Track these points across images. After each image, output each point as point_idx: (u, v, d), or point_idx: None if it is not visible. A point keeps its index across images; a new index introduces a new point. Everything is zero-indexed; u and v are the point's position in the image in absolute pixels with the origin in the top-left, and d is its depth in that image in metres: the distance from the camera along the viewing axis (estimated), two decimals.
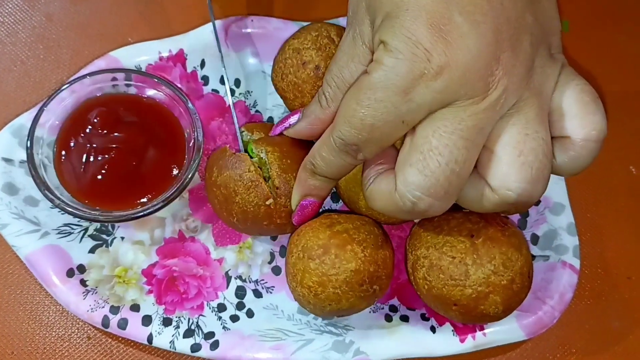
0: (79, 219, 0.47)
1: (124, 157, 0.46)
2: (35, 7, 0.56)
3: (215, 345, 0.45)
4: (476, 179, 0.34)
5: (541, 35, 0.34)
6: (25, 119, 0.48)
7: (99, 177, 0.45)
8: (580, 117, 0.34)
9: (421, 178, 0.33)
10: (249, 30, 0.52)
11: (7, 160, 0.47)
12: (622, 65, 0.58)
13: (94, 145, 0.46)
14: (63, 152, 0.46)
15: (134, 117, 0.48)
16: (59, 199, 0.44)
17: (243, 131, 0.47)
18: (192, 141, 0.47)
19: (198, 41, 0.52)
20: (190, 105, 0.48)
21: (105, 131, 0.46)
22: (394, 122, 0.33)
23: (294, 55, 0.46)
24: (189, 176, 0.46)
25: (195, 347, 0.44)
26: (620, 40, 0.59)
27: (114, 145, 0.46)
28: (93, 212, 0.45)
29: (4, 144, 0.47)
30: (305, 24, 0.52)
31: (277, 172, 0.43)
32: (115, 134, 0.46)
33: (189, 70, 0.52)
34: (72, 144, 0.46)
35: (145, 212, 0.45)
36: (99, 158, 0.45)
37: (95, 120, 0.46)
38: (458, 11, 0.31)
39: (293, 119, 0.42)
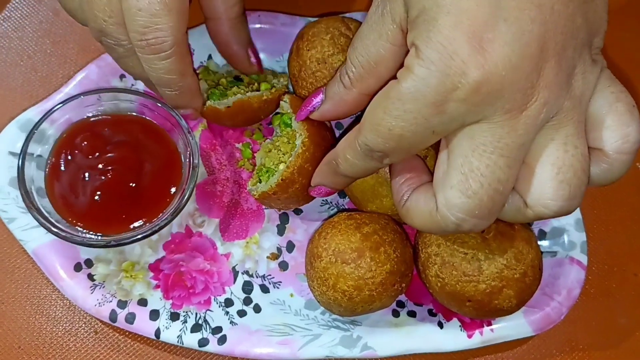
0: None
1: (119, 177, 0.45)
2: (42, 2, 0.56)
3: (222, 340, 0.45)
4: (511, 193, 0.33)
5: (586, 38, 0.32)
6: (32, 113, 0.48)
7: (96, 198, 0.45)
8: (613, 129, 0.33)
9: (464, 200, 0.32)
10: (256, 25, 0.52)
11: (14, 155, 0.47)
12: (625, 62, 0.58)
13: (86, 172, 0.45)
14: (56, 183, 0.46)
15: (122, 136, 0.47)
16: (57, 227, 0.44)
17: (285, 101, 0.46)
18: (188, 152, 0.46)
19: (205, 36, 0.51)
20: (181, 120, 0.47)
21: (97, 154, 0.45)
22: (424, 133, 0.32)
23: (321, 67, 0.46)
24: (191, 187, 0.45)
25: (203, 342, 0.44)
26: (624, 37, 0.59)
27: (109, 167, 0.45)
28: (100, 237, 0.44)
29: (10, 138, 0.47)
30: (312, 19, 0.52)
31: (295, 168, 0.42)
32: (108, 155, 0.45)
33: (196, 65, 0.52)
34: (62, 170, 0.46)
35: (151, 230, 0.44)
36: (95, 181, 0.45)
37: (84, 144, 0.46)
38: (504, 17, 0.29)
39: (317, 101, 0.41)
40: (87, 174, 0.45)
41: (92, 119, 0.48)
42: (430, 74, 0.30)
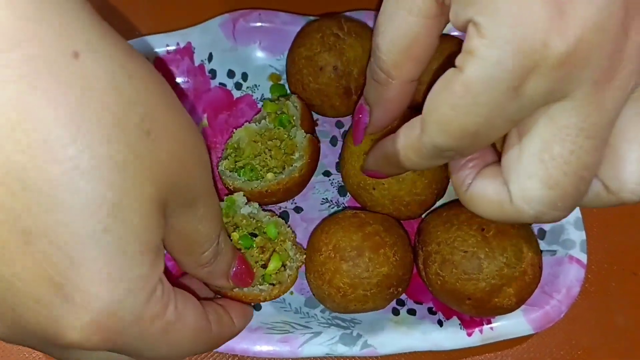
0: None
1: None
2: None
3: None
4: None
5: None
6: None
7: None
8: None
9: (545, 192, 0.27)
10: (257, 24, 0.52)
11: None
12: None
13: None
14: None
15: None
16: None
17: (296, 106, 0.47)
18: None
19: (206, 35, 0.52)
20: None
21: None
22: (503, 124, 0.27)
23: (307, 64, 0.46)
24: None
25: None
26: None
27: None
28: None
29: None
30: (313, 17, 0.52)
31: (286, 185, 0.44)
32: None
33: (196, 63, 0.52)
34: None
35: None
36: None
37: None
38: None
39: (364, 115, 0.38)
40: None
41: None
42: (503, 54, 0.25)
